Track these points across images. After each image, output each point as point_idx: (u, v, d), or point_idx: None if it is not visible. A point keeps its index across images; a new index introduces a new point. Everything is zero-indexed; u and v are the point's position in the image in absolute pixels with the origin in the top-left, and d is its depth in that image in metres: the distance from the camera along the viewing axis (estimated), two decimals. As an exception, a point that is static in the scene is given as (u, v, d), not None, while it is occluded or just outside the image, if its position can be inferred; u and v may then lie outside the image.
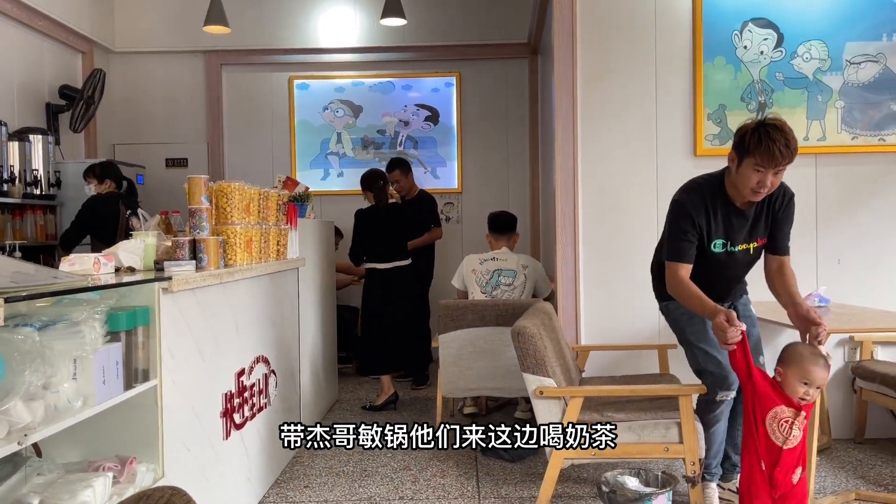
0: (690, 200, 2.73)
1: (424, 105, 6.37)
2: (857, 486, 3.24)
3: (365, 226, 4.78)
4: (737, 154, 2.61)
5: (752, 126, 2.58)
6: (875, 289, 3.93)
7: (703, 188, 2.76)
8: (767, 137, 2.51)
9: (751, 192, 2.61)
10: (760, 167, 2.53)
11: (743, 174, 2.58)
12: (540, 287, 4.47)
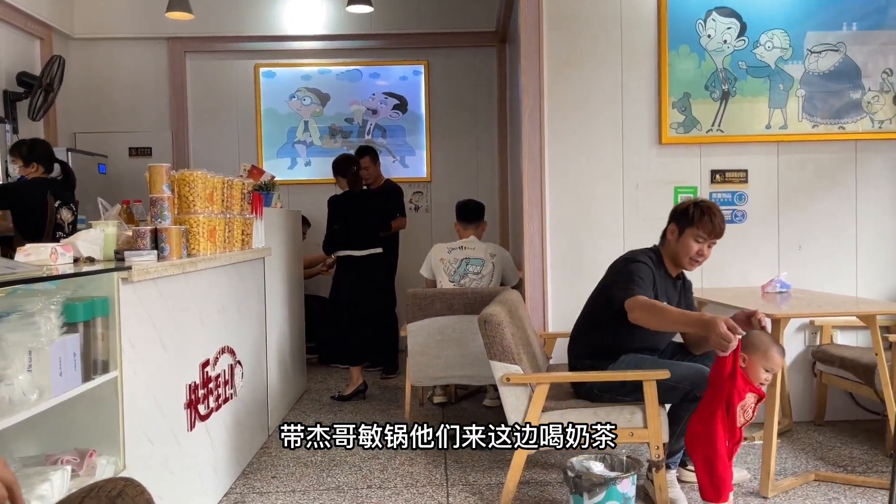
0: (645, 262, 2.90)
1: (392, 93, 6.33)
2: (816, 467, 3.32)
3: (339, 212, 4.71)
4: (678, 226, 2.92)
5: (692, 202, 2.94)
6: (834, 274, 4.01)
7: (648, 256, 2.96)
8: (710, 212, 2.87)
9: (689, 262, 2.92)
10: (701, 238, 2.87)
11: (684, 244, 2.90)
12: (508, 275, 4.48)
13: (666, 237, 3.00)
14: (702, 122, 3.96)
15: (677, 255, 2.93)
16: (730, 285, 3.98)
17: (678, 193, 3.99)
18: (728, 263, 3.99)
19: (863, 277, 4.02)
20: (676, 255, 2.94)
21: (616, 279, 2.88)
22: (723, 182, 3.99)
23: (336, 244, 4.74)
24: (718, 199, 3.99)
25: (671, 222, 2.98)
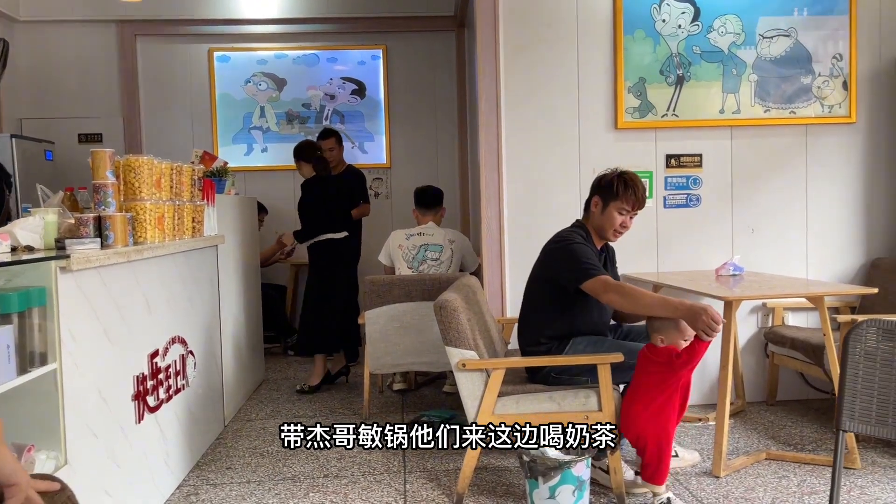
0: (582, 242, 2.92)
1: (350, 78, 6.25)
2: (768, 446, 3.38)
3: (317, 196, 4.59)
4: (602, 199, 2.95)
5: (615, 175, 2.96)
6: (786, 257, 4.08)
7: (579, 234, 2.97)
8: (633, 184, 2.92)
9: (613, 233, 2.98)
10: (625, 210, 2.92)
11: (609, 216, 2.94)
12: (467, 261, 4.47)
13: (589, 210, 3.01)
14: (657, 106, 3.98)
15: (602, 228, 2.97)
16: (684, 269, 4.03)
17: (634, 178, 4.00)
18: (683, 247, 4.04)
19: (813, 260, 4.10)
20: (602, 228, 2.97)
21: (562, 263, 2.88)
22: (678, 167, 4.02)
23: (316, 229, 4.60)
24: (673, 183, 4.02)
25: (594, 195, 2.99)
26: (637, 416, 2.68)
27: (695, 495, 2.84)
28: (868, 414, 1.61)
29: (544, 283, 2.97)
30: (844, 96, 4.02)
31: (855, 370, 1.63)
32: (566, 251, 2.89)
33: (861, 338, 1.63)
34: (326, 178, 4.63)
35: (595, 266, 2.81)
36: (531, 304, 3.04)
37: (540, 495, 2.55)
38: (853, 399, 1.62)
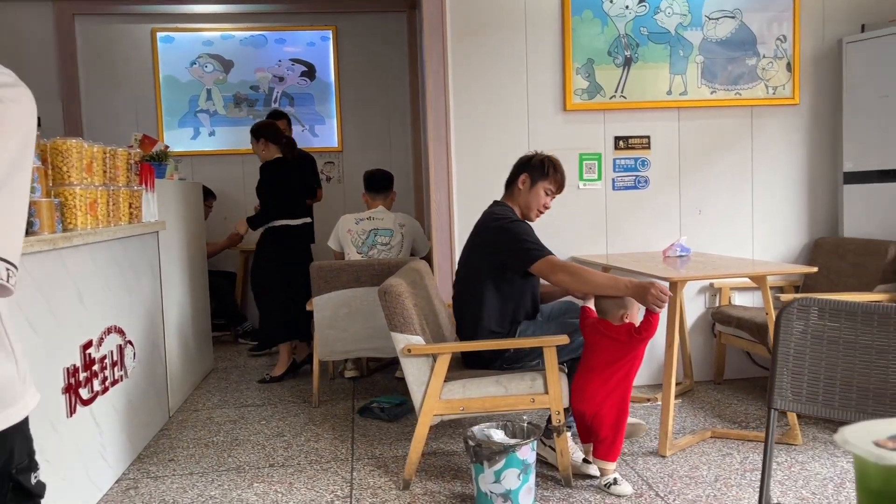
0: (520, 220, 2.95)
1: (300, 60, 6.12)
2: (713, 424, 3.43)
3: (281, 179, 4.41)
4: (530, 177, 2.97)
5: (541, 156, 3.00)
6: (732, 238, 4.13)
7: (511, 210, 3.00)
8: (559, 167, 2.99)
9: (536, 213, 3.01)
10: (550, 191, 2.98)
11: (536, 195, 2.97)
12: (418, 246, 4.43)
13: (514, 188, 3.01)
14: (605, 88, 3.97)
15: (528, 206, 2.98)
16: (633, 250, 4.04)
17: (583, 160, 4.01)
18: (631, 229, 4.05)
19: (758, 240, 4.15)
20: (527, 206, 2.98)
21: (507, 245, 2.85)
22: (626, 148, 4.03)
23: (274, 214, 4.42)
24: (622, 165, 4.03)
25: (522, 172, 2.99)
26: (594, 393, 2.70)
27: (641, 475, 2.86)
28: (799, 392, 1.62)
29: (488, 268, 2.91)
30: (788, 78, 4.06)
31: (786, 349, 1.63)
32: (508, 232, 2.86)
33: (792, 317, 1.63)
34: (289, 161, 4.49)
35: (540, 246, 2.82)
36: (474, 290, 2.97)
37: (485, 479, 2.54)
38: (784, 377, 1.62)
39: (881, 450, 0.50)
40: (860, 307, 1.61)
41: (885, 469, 0.49)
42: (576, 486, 2.77)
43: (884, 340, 1.58)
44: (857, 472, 0.53)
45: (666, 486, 2.75)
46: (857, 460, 0.52)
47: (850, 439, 0.52)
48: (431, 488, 2.80)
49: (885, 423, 0.54)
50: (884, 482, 0.50)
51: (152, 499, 2.78)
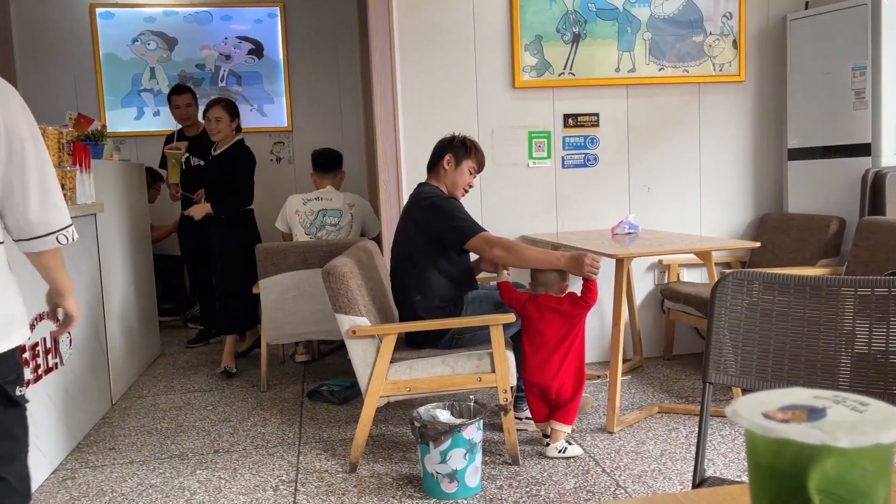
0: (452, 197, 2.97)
1: (247, 38, 5.96)
2: (661, 400, 3.46)
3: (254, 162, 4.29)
4: (454, 157, 3.02)
5: (462, 137, 3.08)
6: (681, 215, 4.15)
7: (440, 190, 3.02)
8: (478, 147, 3.08)
9: (463, 191, 3.05)
10: (473, 169, 3.05)
11: (461, 174, 3.03)
12: (368, 226, 4.36)
13: (440, 168, 3.05)
14: (554, 65, 3.94)
15: (455, 185, 3.04)
16: (582, 228, 4.04)
17: (532, 139, 3.98)
18: (581, 206, 4.05)
19: (706, 217, 4.19)
20: (454, 185, 3.04)
21: (439, 221, 2.86)
22: (575, 126, 4.01)
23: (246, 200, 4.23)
24: (571, 143, 4.01)
25: (446, 153, 3.03)
26: (556, 367, 2.77)
27: (588, 452, 2.87)
28: (732, 365, 1.62)
29: (426, 246, 2.90)
30: (734, 55, 4.08)
31: (721, 322, 1.63)
32: (440, 209, 2.88)
33: (726, 291, 1.63)
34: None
35: (473, 222, 2.87)
36: (414, 268, 2.95)
37: (431, 460, 2.52)
38: (719, 351, 1.62)
39: (769, 421, 0.47)
40: (793, 279, 1.61)
41: (774, 442, 0.47)
42: (523, 465, 2.77)
43: (815, 312, 1.59)
44: (747, 446, 0.50)
45: (612, 462, 2.77)
46: (747, 434, 0.49)
47: (739, 411, 0.49)
48: (378, 470, 2.77)
49: (779, 393, 0.52)
50: (773, 456, 0.47)
51: (90, 489, 2.69)
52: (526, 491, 2.55)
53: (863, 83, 3.68)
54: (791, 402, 0.50)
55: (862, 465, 0.45)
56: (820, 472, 0.45)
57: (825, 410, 0.48)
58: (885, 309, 1.54)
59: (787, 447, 0.46)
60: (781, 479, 0.47)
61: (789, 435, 0.45)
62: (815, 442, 0.45)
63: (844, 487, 0.45)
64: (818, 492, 0.45)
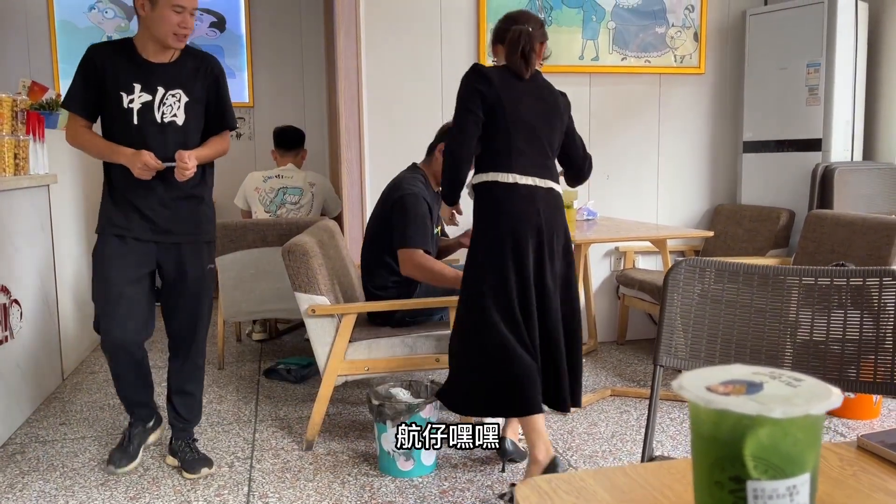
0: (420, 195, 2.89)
1: (208, 10, 5.84)
2: (614, 383, 3.54)
3: None
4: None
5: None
6: (638, 203, 4.23)
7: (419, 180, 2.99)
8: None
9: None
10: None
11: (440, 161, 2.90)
12: (329, 206, 4.35)
13: (435, 156, 3.04)
14: (519, 50, 3.95)
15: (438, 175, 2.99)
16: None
17: (496, 123, 4.00)
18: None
19: (663, 206, 4.28)
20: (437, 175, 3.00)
21: (397, 218, 2.87)
22: (538, 112, 4.04)
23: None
24: (534, 128, 4.04)
25: (441, 141, 2.98)
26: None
27: (541, 432, 2.93)
28: (682, 350, 1.68)
29: (383, 232, 2.93)
30: (695, 48, 4.16)
31: (673, 308, 1.69)
32: (401, 209, 2.86)
33: (679, 277, 1.68)
34: None
35: (418, 237, 2.81)
36: (375, 245, 2.98)
37: (388, 438, 2.55)
38: (670, 336, 1.68)
39: (711, 394, 0.50)
40: (742, 268, 1.67)
41: (715, 413, 0.50)
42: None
43: (762, 300, 1.66)
44: (690, 418, 0.54)
45: (565, 443, 2.83)
46: (691, 406, 0.52)
47: (685, 385, 0.52)
48: (334, 448, 2.79)
49: (722, 369, 0.55)
50: (713, 426, 0.51)
51: (40, 463, 2.66)
52: (480, 470, 2.60)
53: (816, 80, 3.79)
54: (732, 378, 0.54)
55: (793, 435, 0.49)
56: (755, 441, 0.49)
57: (762, 385, 0.52)
58: (826, 299, 1.62)
59: (727, 417, 0.50)
60: (720, 447, 0.50)
61: (728, 406, 0.49)
62: (751, 412, 0.48)
63: (777, 455, 0.49)
64: (753, 458, 0.49)
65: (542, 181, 2.40)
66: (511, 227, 2.33)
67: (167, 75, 2.45)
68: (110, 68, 2.41)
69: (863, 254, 3.28)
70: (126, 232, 2.46)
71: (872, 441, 0.88)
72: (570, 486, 0.80)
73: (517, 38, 2.41)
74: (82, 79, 2.42)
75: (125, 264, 2.47)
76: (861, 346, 1.57)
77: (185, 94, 2.48)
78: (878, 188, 3.78)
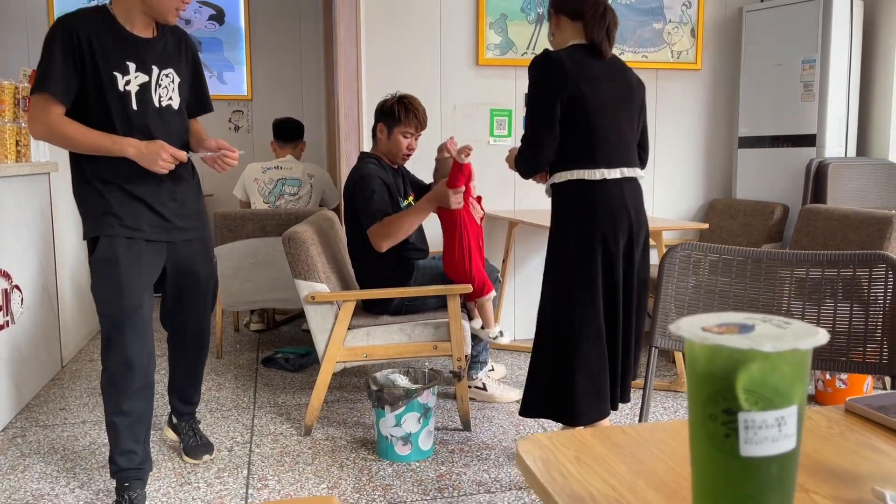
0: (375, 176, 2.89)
1: (207, 2, 5.86)
2: (609, 373, 3.58)
3: None
4: (386, 126, 3.01)
5: (395, 99, 2.99)
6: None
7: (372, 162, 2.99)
8: (413, 107, 2.99)
9: (402, 157, 3.06)
10: (409, 133, 3.01)
11: (395, 142, 3.00)
12: (328, 197, 4.37)
13: (377, 137, 3.07)
14: (517, 44, 4.00)
15: (392, 153, 3.04)
16: (539, 207, 4.13)
17: (494, 117, 4.04)
18: (538, 186, 4.09)
19: (658, 200, 4.31)
20: (391, 153, 3.04)
21: (357, 204, 2.90)
22: (536, 106, 4.07)
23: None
24: (532, 122, 4.08)
25: (378, 121, 3.04)
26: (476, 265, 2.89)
27: (538, 420, 2.96)
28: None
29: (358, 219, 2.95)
30: (692, 43, 4.20)
31: (667, 290, 1.72)
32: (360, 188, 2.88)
33: (675, 260, 1.72)
34: None
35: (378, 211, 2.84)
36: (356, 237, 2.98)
37: (386, 424, 2.58)
38: (665, 318, 1.72)
39: (706, 332, 0.54)
40: (736, 252, 1.71)
41: (709, 348, 0.53)
42: (474, 431, 2.85)
43: (754, 282, 1.70)
44: (686, 357, 0.57)
45: (560, 429, 2.87)
46: (687, 345, 0.56)
47: (682, 325, 0.56)
48: (333, 434, 2.82)
49: (716, 315, 0.59)
50: (707, 362, 0.54)
51: (41, 447, 2.68)
52: (476, 455, 2.63)
53: (812, 76, 3.84)
54: (726, 321, 0.57)
55: (782, 369, 0.52)
56: (747, 374, 0.52)
57: (754, 326, 0.55)
58: (818, 290, 1.66)
59: (720, 353, 0.53)
60: (714, 381, 0.54)
61: (722, 342, 0.52)
62: (743, 347, 0.51)
63: (767, 388, 0.52)
64: (744, 391, 0.52)
65: (630, 170, 2.24)
66: (601, 230, 2.17)
67: (157, 53, 2.18)
68: (97, 43, 2.06)
69: (855, 248, 3.32)
70: (135, 233, 2.16)
71: (860, 404, 0.92)
72: (569, 442, 0.83)
73: (603, 13, 2.19)
74: (62, 55, 2.03)
75: (140, 270, 2.17)
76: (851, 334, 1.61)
77: (176, 74, 2.23)
78: (871, 183, 3.83)
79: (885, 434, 0.86)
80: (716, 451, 0.54)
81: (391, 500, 2.29)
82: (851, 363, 1.59)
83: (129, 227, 2.16)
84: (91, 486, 2.40)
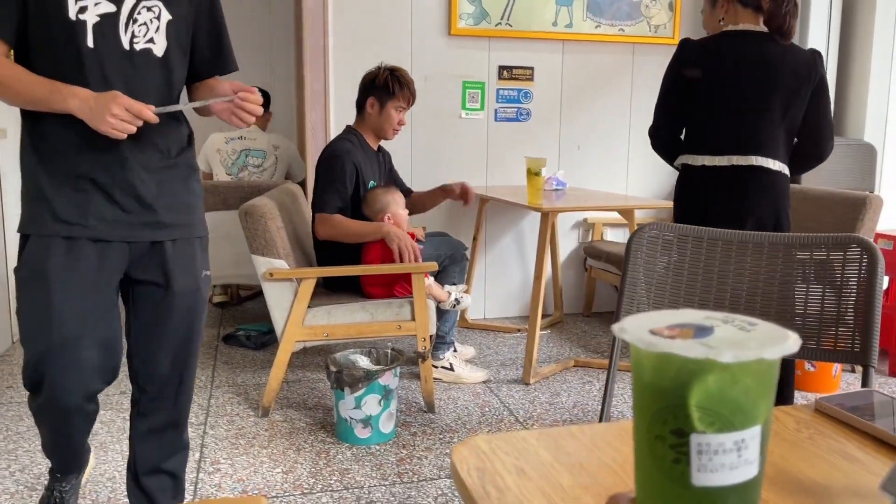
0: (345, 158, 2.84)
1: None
2: (577, 354, 3.52)
3: None
4: (378, 100, 2.94)
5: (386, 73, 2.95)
6: (608, 174, 4.19)
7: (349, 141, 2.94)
8: (406, 81, 2.95)
9: (392, 132, 3.01)
10: (401, 107, 2.97)
11: (387, 116, 2.95)
12: (294, 170, 4.24)
13: (366, 112, 3.00)
14: (491, 14, 3.86)
15: (381, 128, 3.01)
16: (511, 183, 4.03)
17: (466, 89, 3.92)
18: (511, 161, 4.02)
19: (632, 178, 4.24)
20: (380, 128, 3.01)
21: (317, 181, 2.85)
22: (510, 79, 3.96)
23: None
24: (505, 96, 3.97)
25: (369, 96, 2.97)
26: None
27: (504, 402, 2.90)
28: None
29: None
30: (670, 17, 4.09)
31: (636, 272, 1.64)
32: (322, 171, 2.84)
33: (642, 241, 1.64)
34: None
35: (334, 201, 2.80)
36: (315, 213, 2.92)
37: (345, 406, 2.49)
38: (631, 303, 1.64)
39: (654, 337, 0.44)
40: (706, 233, 1.63)
41: (657, 357, 0.44)
42: (438, 413, 2.77)
43: (725, 264, 1.62)
44: (632, 362, 0.48)
45: (526, 412, 2.80)
46: (633, 351, 0.46)
47: (626, 327, 0.46)
48: (291, 415, 2.73)
49: (670, 313, 0.49)
50: (654, 372, 0.45)
51: (-18, 427, 2.56)
52: (439, 438, 2.56)
53: (789, 53, 3.76)
54: (681, 321, 0.48)
55: (744, 382, 0.43)
56: (701, 388, 0.43)
57: (713, 329, 0.46)
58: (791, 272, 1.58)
59: (671, 362, 0.44)
60: (662, 396, 0.45)
61: (672, 349, 0.43)
62: (698, 356, 0.42)
63: (725, 404, 0.43)
64: (698, 409, 0.43)
65: (744, 158, 2.20)
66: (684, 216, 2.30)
67: None
68: None
69: (830, 228, 3.27)
70: (78, 230, 1.54)
71: (830, 404, 0.84)
72: (510, 447, 0.74)
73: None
74: None
75: (82, 287, 1.55)
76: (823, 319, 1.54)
77: (165, 7, 1.58)
78: (847, 164, 3.78)
79: (858, 438, 0.78)
80: (663, 479, 0.45)
81: (347, 485, 2.21)
82: (821, 351, 1.52)
83: (68, 223, 1.54)
84: (32, 469, 2.29)
